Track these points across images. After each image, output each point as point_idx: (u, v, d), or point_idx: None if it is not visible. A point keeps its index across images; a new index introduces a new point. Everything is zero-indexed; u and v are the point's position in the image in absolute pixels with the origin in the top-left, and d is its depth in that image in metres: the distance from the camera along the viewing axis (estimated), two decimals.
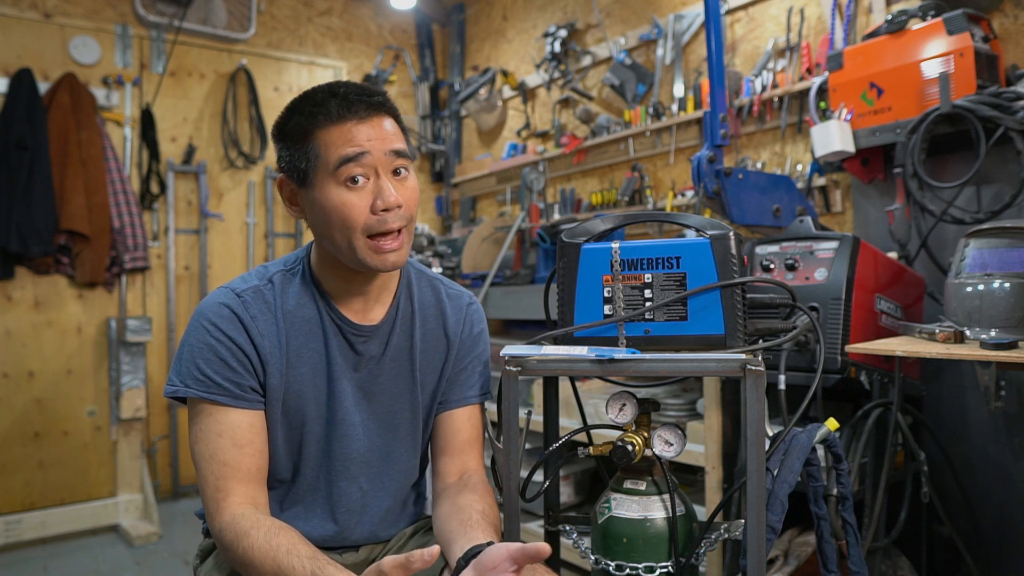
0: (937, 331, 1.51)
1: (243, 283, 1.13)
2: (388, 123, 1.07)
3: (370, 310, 1.18)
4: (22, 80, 3.31)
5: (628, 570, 1.12)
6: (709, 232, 1.13)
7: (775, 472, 1.17)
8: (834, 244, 1.75)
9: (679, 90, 3.15)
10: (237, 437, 1.05)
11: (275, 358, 1.10)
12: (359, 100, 1.05)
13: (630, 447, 1.10)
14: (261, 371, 1.09)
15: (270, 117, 4.07)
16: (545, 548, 0.88)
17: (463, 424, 1.22)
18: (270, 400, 1.10)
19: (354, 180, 1.04)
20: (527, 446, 2.89)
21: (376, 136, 1.05)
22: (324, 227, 1.07)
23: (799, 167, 2.67)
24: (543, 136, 3.92)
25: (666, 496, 1.14)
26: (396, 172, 1.07)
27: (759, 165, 2.80)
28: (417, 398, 1.20)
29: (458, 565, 0.95)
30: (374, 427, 1.18)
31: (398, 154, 1.07)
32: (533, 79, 3.95)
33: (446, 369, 1.23)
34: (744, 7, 2.92)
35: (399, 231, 1.07)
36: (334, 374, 1.14)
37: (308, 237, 4.38)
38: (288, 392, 1.11)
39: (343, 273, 1.13)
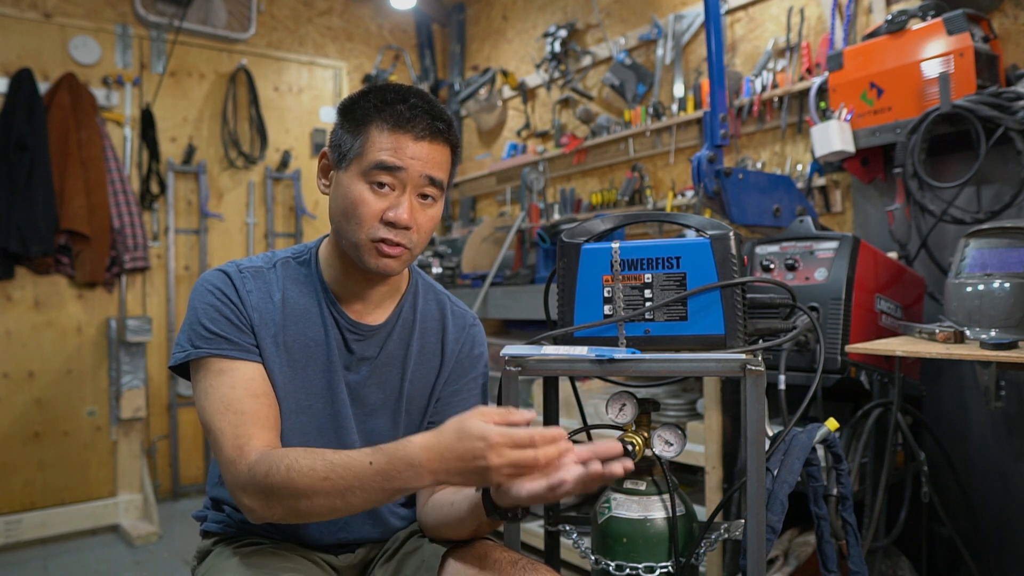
0: (937, 331, 1.51)
1: (248, 261, 1.15)
2: (439, 151, 1.08)
3: (370, 312, 1.17)
4: (22, 80, 3.31)
5: (628, 570, 1.12)
6: (709, 232, 1.13)
7: (775, 472, 1.17)
8: (834, 244, 1.75)
9: (679, 90, 3.15)
10: (252, 388, 1.04)
11: (266, 334, 1.09)
12: (423, 119, 1.05)
13: (630, 447, 1.10)
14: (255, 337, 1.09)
15: (270, 117, 4.09)
16: (616, 447, 0.89)
17: None
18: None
19: (380, 185, 1.05)
20: None
21: (420, 157, 1.06)
22: (339, 212, 1.09)
23: (799, 167, 2.67)
24: (543, 136, 3.92)
25: (666, 496, 1.14)
26: (423, 196, 1.08)
27: (759, 165, 2.80)
28: (401, 409, 1.18)
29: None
30: (361, 430, 1.17)
31: (432, 181, 1.08)
32: (533, 79, 3.95)
33: (437, 386, 1.21)
34: (744, 7, 2.92)
35: (398, 245, 1.07)
36: (332, 367, 1.14)
37: (307, 238, 4.38)
38: (283, 377, 1.10)
39: (348, 269, 1.13)
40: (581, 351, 1.08)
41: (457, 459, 0.86)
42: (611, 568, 1.14)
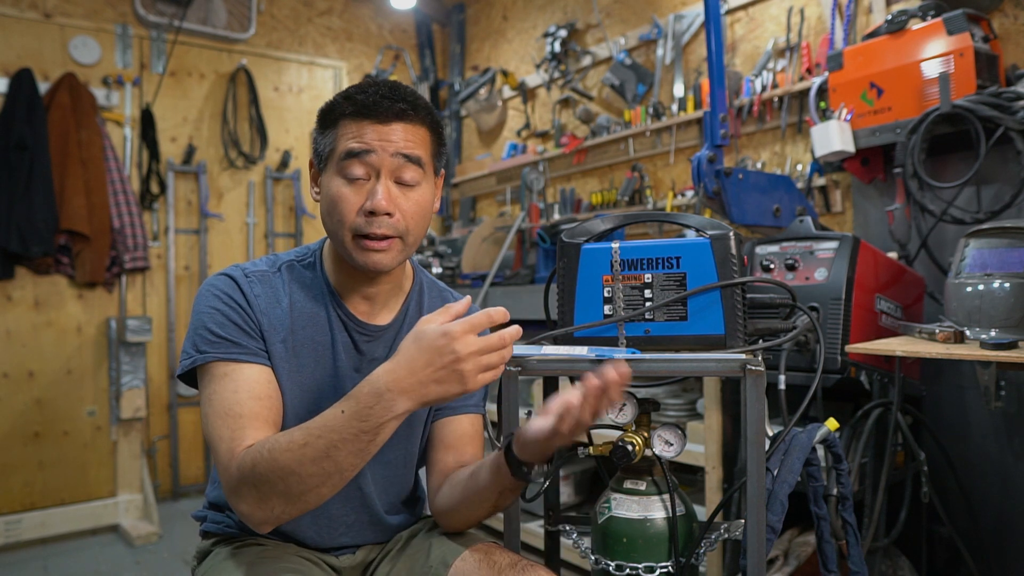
0: (937, 331, 1.51)
1: (252, 266, 1.14)
2: (410, 130, 1.06)
3: (377, 313, 1.17)
4: (22, 80, 3.31)
5: (628, 570, 1.12)
6: (709, 232, 1.13)
7: (775, 472, 1.17)
8: (834, 244, 1.75)
9: (679, 90, 3.15)
10: (255, 390, 1.03)
11: (275, 341, 1.08)
12: (382, 103, 1.04)
13: (630, 447, 1.10)
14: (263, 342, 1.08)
15: (270, 117, 4.09)
16: (622, 371, 0.88)
17: (464, 427, 1.21)
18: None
19: (355, 178, 1.05)
20: None
21: (388, 139, 1.04)
22: (325, 214, 1.09)
23: (799, 167, 2.67)
24: (543, 136, 3.92)
25: (666, 496, 1.14)
26: (403, 182, 1.06)
27: (759, 165, 2.80)
28: None
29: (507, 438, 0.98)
30: None
31: (408, 158, 1.05)
32: (533, 79, 3.95)
33: None
34: (744, 7, 2.92)
35: (384, 237, 1.05)
36: (339, 371, 1.13)
37: (307, 238, 4.38)
38: (292, 382, 1.10)
39: (350, 270, 1.13)
40: (581, 351, 1.08)
41: (426, 365, 0.85)
42: (611, 568, 1.14)
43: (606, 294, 1.17)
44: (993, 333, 1.49)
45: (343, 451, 0.88)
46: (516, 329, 0.89)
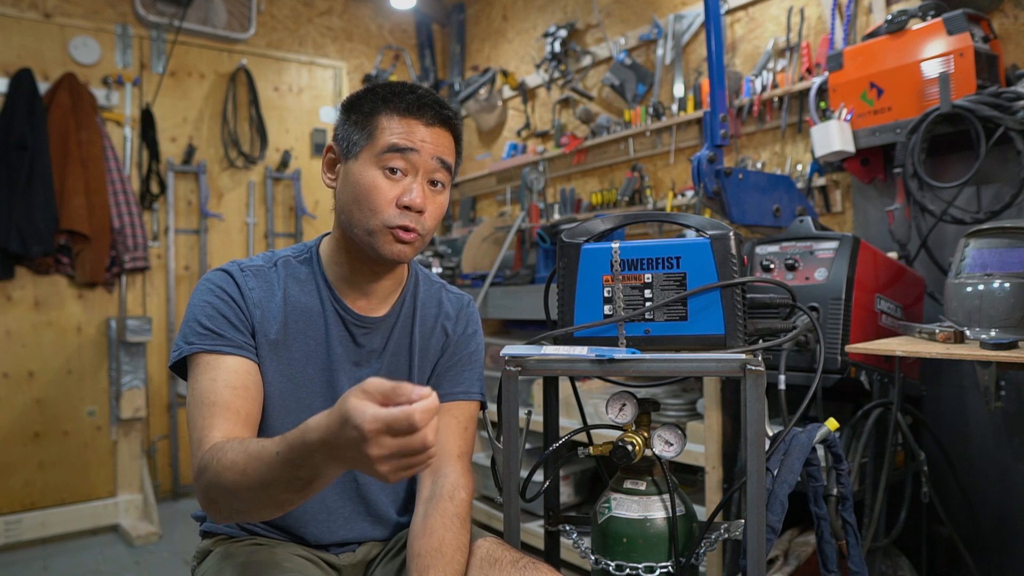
0: (937, 331, 1.51)
1: (249, 261, 1.16)
2: (447, 137, 1.12)
3: (375, 307, 1.19)
4: (22, 80, 3.31)
5: (628, 570, 1.12)
6: (709, 232, 1.13)
7: (775, 472, 1.17)
8: (834, 244, 1.75)
9: (679, 90, 3.15)
10: (232, 380, 1.04)
11: (267, 334, 1.10)
12: (431, 107, 1.09)
13: (630, 447, 1.11)
14: (253, 337, 1.09)
15: (270, 117, 4.09)
16: None
17: (446, 420, 1.17)
18: (264, 378, 1.10)
19: (393, 171, 1.07)
20: (527, 446, 2.89)
21: (431, 141, 1.09)
22: (350, 202, 1.09)
23: (799, 167, 2.67)
24: (543, 136, 3.92)
25: (666, 496, 1.14)
26: (433, 183, 1.10)
27: (759, 165, 2.80)
28: None
29: None
30: None
31: (443, 163, 1.10)
32: (533, 79, 3.95)
33: (439, 364, 1.24)
34: (744, 7, 2.92)
35: (413, 231, 1.08)
36: (333, 364, 1.14)
37: (307, 237, 4.37)
38: (282, 376, 1.11)
39: (355, 264, 1.14)
40: (581, 351, 1.08)
41: (347, 448, 0.73)
42: (611, 568, 1.14)
43: (606, 294, 1.17)
44: (993, 333, 1.49)
45: (276, 488, 0.83)
46: (430, 431, 0.72)
